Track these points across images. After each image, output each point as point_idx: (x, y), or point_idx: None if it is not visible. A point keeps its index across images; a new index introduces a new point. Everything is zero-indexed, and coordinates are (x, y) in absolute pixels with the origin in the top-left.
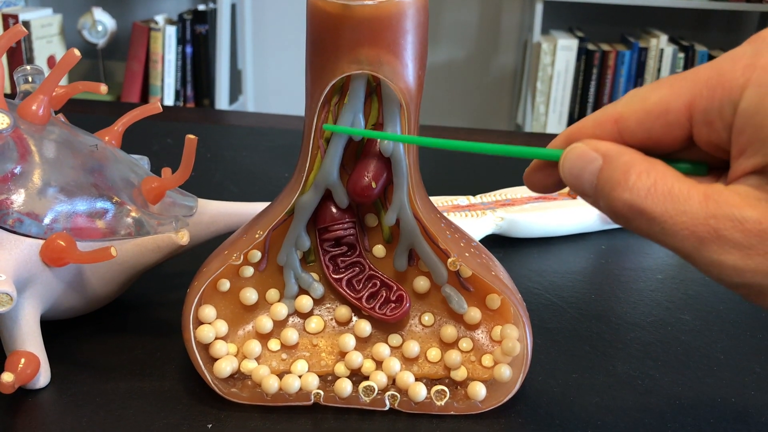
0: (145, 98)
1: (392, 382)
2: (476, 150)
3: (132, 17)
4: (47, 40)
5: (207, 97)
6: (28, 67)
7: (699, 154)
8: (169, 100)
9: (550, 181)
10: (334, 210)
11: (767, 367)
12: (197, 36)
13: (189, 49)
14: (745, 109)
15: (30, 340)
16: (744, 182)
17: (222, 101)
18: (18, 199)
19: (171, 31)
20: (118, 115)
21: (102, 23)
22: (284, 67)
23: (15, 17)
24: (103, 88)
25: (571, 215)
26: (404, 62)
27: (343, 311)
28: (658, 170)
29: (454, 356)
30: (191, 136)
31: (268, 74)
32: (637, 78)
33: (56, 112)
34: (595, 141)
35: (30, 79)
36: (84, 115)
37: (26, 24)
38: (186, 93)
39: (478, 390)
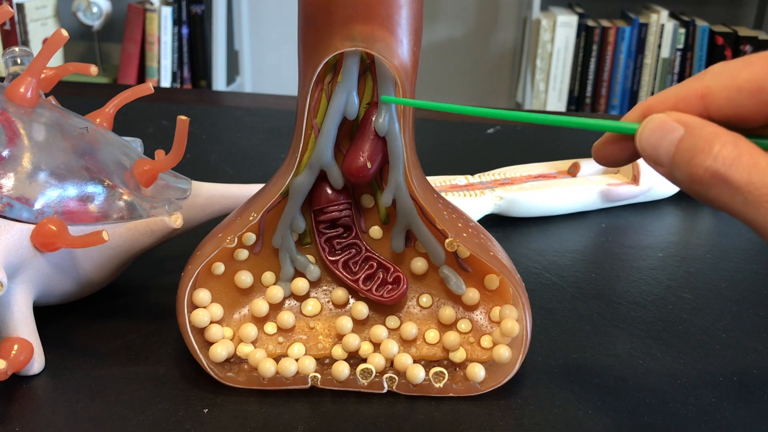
0: (141, 80)
1: (390, 364)
2: (549, 122)
3: None
4: (42, 22)
5: (204, 78)
6: (17, 49)
7: None
8: (166, 82)
9: (622, 154)
10: (329, 191)
11: None
12: (193, 16)
13: (185, 30)
14: None
15: (23, 326)
16: None
17: (219, 82)
18: (7, 183)
19: (167, 12)
20: None
21: (97, 5)
22: (282, 47)
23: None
24: (93, 69)
25: (570, 194)
26: (398, 38)
27: (340, 293)
28: (744, 143)
29: (452, 337)
30: (183, 117)
31: (266, 54)
32: (638, 54)
33: (47, 95)
34: (677, 113)
35: (19, 60)
36: (80, 98)
37: (20, 7)
38: (183, 74)
39: (477, 371)
